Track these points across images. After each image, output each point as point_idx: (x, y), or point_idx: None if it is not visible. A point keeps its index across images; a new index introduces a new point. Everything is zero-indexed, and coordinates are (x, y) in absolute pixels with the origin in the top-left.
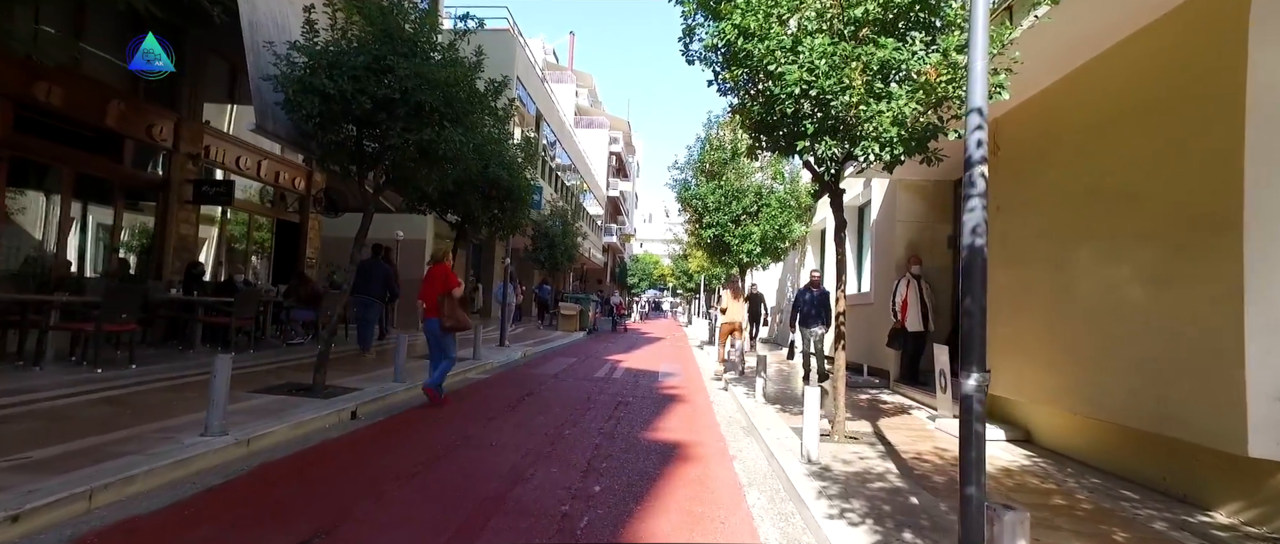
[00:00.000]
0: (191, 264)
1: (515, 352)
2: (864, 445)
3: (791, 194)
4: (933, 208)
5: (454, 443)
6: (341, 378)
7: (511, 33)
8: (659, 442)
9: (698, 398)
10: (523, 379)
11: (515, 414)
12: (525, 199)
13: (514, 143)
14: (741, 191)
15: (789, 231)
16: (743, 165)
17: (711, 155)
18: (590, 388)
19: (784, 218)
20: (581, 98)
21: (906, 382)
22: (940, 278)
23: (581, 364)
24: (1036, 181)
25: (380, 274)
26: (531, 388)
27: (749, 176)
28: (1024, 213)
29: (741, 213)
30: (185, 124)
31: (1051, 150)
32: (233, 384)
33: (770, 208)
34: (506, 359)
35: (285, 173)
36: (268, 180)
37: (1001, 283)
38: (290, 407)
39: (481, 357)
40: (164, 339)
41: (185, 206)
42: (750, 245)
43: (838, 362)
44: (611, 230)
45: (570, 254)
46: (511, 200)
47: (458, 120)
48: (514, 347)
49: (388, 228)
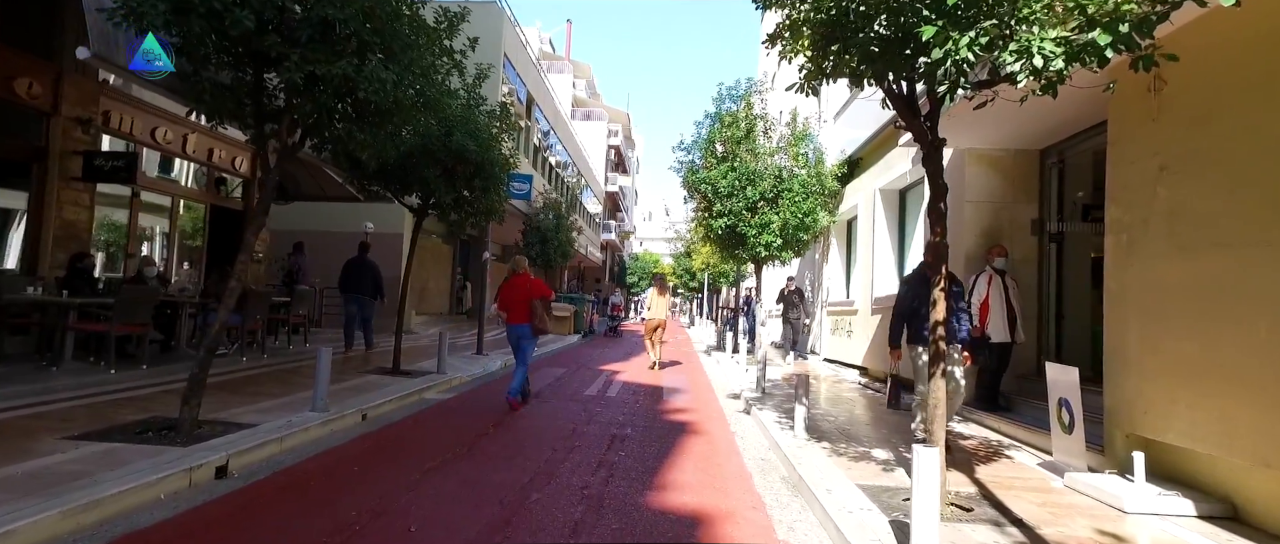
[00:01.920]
0: (76, 256)
1: (494, 361)
2: (985, 526)
3: (816, 178)
4: (1011, 185)
5: (349, 524)
6: (245, 404)
7: (500, 6)
8: (670, 513)
9: (715, 427)
10: (494, 400)
11: (468, 461)
12: (499, 177)
13: (486, 110)
14: (758, 174)
15: (813, 221)
16: (758, 145)
17: (723, 132)
18: (578, 413)
19: (808, 205)
20: (579, 89)
21: (984, 407)
22: (1022, 272)
23: (571, 376)
24: (1245, 127)
25: (370, 271)
26: (502, 414)
27: (766, 158)
28: (1216, 173)
29: (758, 199)
30: (70, 80)
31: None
32: (72, 419)
33: (792, 193)
34: (482, 371)
35: (221, 150)
36: (198, 158)
37: (1174, 278)
38: (124, 463)
39: (448, 369)
40: (33, 351)
41: (72, 184)
42: (769, 236)
43: (935, 394)
44: (610, 227)
45: (565, 251)
46: (482, 179)
47: (389, 52)
48: (493, 356)
49: (355, 219)
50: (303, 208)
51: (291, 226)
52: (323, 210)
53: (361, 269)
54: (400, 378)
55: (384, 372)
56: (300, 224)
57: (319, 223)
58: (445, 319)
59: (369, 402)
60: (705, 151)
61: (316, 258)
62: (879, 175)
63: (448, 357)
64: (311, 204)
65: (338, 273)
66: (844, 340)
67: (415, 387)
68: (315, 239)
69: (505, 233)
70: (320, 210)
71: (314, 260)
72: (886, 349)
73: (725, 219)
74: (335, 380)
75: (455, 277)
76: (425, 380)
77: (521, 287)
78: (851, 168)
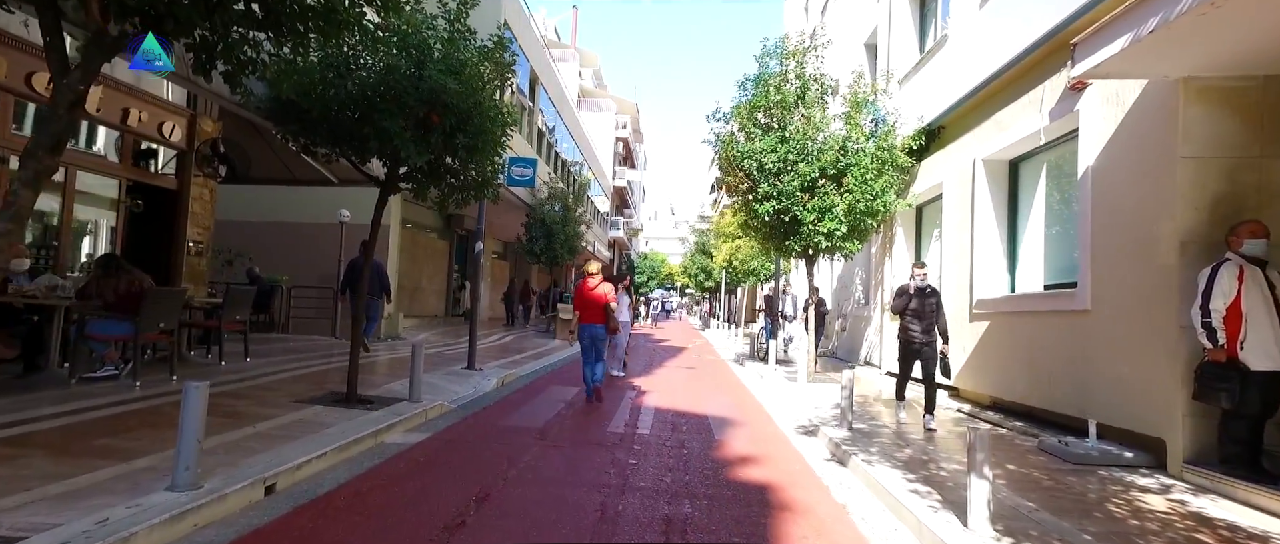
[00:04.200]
0: None
1: (488, 379)
2: None
3: (886, 151)
4: (1259, 130)
5: None
6: (57, 479)
7: None
8: None
9: (811, 495)
10: (483, 448)
11: None
12: (491, 134)
13: (477, 46)
14: (818, 146)
15: (884, 204)
16: (816, 114)
17: (770, 96)
18: (605, 469)
19: (880, 183)
20: (585, 79)
21: (1239, 470)
22: None
23: (583, 403)
24: None
25: (375, 271)
26: (491, 476)
27: (825, 128)
28: None
29: (818, 176)
30: None
31: None
32: None
33: (861, 168)
34: (473, 392)
35: (142, 111)
36: (110, 120)
37: None
38: None
39: (426, 393)
40: None
41: None
42: (832, 223)
43: None
44: (618, 224)
45: (572, 246)
46: (468, 135)
47: None
48: (488, 371)
49: (329, 206)
50: (266, 194)
51: (248, 215)
52: (289, 197)
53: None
54: (354, 411)
55: (335, 400)
56: (262, 212)
57: (286, 211)
58: (439, 323)
59: (284, 460)
60: (746, 121)
61: (283, 251)
62: (981, 142)
63: (425, 377)
64: (275, 189)
65: (300, 269)
66: None
67: (371, 425)
68: (282, 231)
69: (505, 226)
70: (286, 197)
71: (281, 254)
72: (1000, 368)
73: (773, 202)
74: (255, 417)
75: (452, 275)
76: (389, 413)
77: (593, 289)
78: (928, 140)
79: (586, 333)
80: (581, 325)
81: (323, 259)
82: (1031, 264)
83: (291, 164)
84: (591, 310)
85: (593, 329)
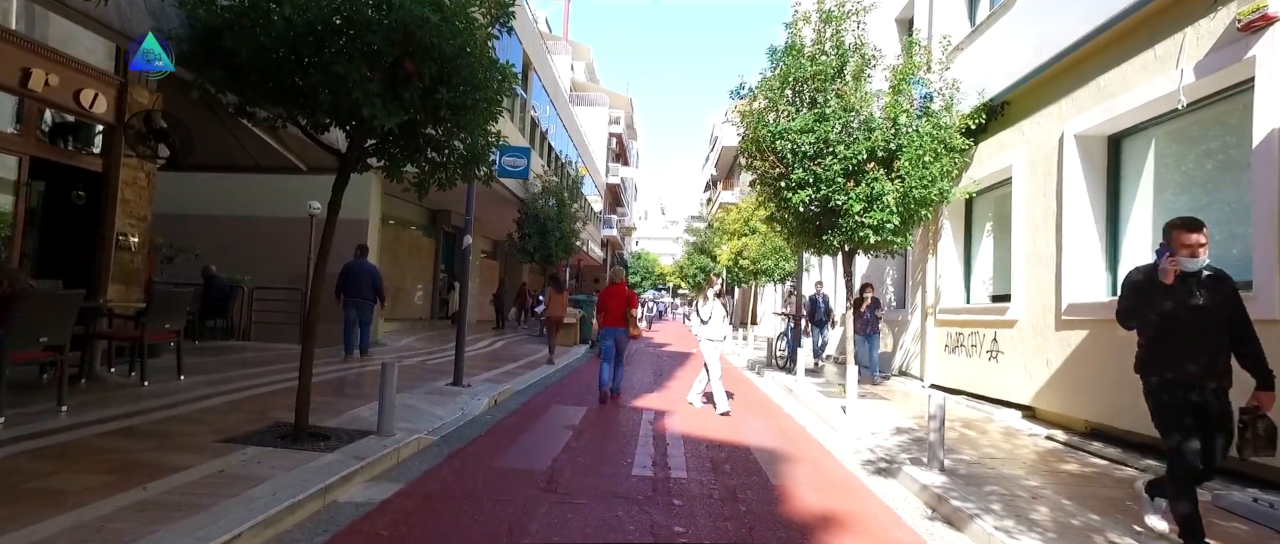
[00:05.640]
0: None
1: (478, 398)
2: None
3: (944, 131)
4: None
5: None
6: None
7: None
8: None
9: None
10: (473, 508)
11: None
12: (486, 87)
13: None
14: (866, 124)
15: (940, 192)
16: (858, 88)
17: (807, 66)
18: (640, 534)
19: (938, 167)
20: (577, 72)
21: None
22: None
23: (598, 429)
24: None
25: (368, 274)
26: None
27: (869, 104)
28: None
29: (866, 158)
30: None
31: None
32: None
33: (915, 149)
34: (459, 418)
35: (56, 77)
36: (10, 83)
37: None
38: None
39: (399, 423)
40: None
41: None
42: (882, 213)
43: None
44: (611, 222)
45: (567, 244)
46: (453, 89)
47: None
48: (477, 387)
49: (299, 196)
50: (226, 185)
51: (206, 208)
52: (253, 187)
53: (360, 272)
54: (301, 452)
55: (280, 436)
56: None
57: (250, 203)
58: (425, 328)
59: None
60: (776, 97)
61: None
62: (1073, 114)
63: (403, 397)
64: (236, 178)
65: (265, 268)
66: (979, 363)
67: (320, 477)
68: (245, 226)
69: (495, 222)
70: (249, 187)
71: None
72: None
73: (809, 190)
74: (155, 468)
75: (439, 275)
76: (348, 455)
77: (619, 295)
78: (989, 117)
79: (608, 335)
80: (603, 329)
81: (290, 257)
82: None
83: (251, 146)
84: (613, 314)
85: (614, 331)
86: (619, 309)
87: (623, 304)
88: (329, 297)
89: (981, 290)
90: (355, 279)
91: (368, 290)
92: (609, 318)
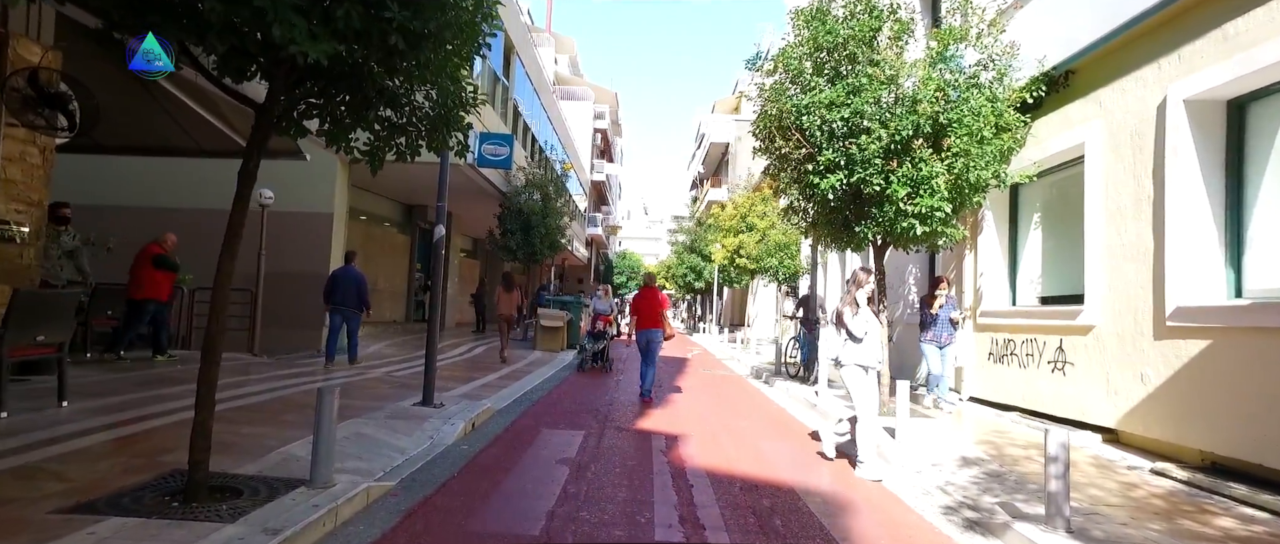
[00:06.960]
0: None
1: (451, 423)
2: None
3: (1001, 104)
4: None
5: None
6: None
7: None
8: None
9: None
10: None
11: None
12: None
13: None
14: (912, 96)
15: (997, 175)
16: (885, 56)
17: (839, 32)
18: None
19: (993, 147)
20: (561, 65)
21: None
22: None
23: (601, 461)
24: None
25: (354, 282)
26: None
27: (910, 74)
28: None
29: (909, 138)
30: None
31: None
32: None
33: (970, 126)
34: (426, 451)
35: None
36: None
37: None
38: None
39: (347, 463)
40: None
41: None
42: (930, 200)
43: None
44: (596, 220)
45: (552, 241)
46: (409, 6)
47: None
48: (451, 406)
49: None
50: (163, 171)
51: (139, 199)
52: (196, 174)
53: (346, 279)
54: (183, 530)
55: (168, 492)
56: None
57: (191, 193)
58: (398, 331)
59: None
60: (795, 70)
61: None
62: (1185, 72)
63: (356, 423)
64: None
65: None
66: (1038, 376)
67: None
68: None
69: (475, 219)
70: (191, 174)
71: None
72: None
73: (840, 173)
74: None
75: (414, 275)
76: (253, 527)
77: (651, 298)
78: (1049, 88)
79: (642, 336)
80: (638, 331)
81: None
82: (1274, 254)
83: (190, 125)
84: (647, 316)
85: (648, 333)
86: (652, 311)
87: (656, 306)
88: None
89: (1030, 290)
90: (341, 286)
91: (353, 298)
92: (643, 320)
